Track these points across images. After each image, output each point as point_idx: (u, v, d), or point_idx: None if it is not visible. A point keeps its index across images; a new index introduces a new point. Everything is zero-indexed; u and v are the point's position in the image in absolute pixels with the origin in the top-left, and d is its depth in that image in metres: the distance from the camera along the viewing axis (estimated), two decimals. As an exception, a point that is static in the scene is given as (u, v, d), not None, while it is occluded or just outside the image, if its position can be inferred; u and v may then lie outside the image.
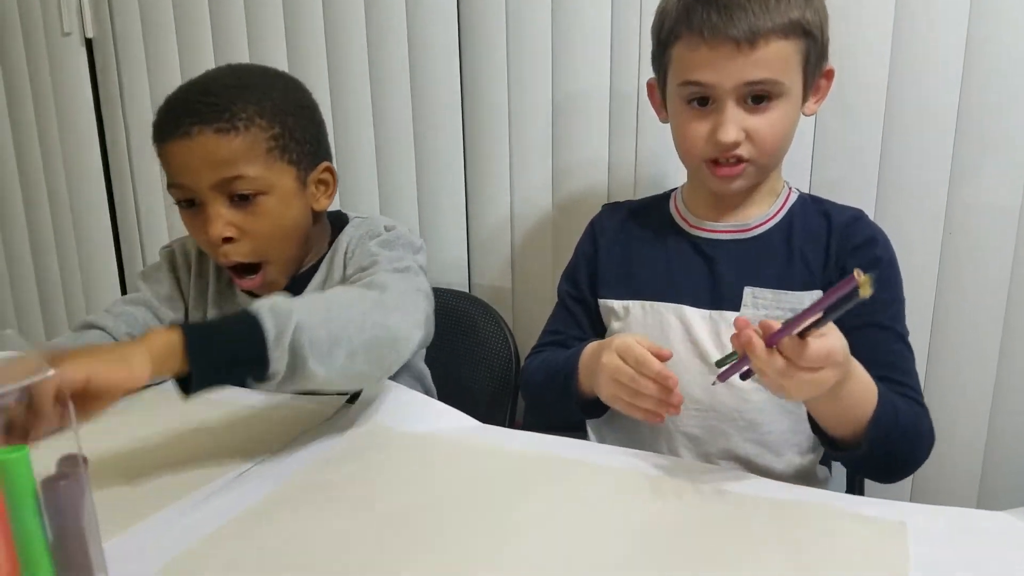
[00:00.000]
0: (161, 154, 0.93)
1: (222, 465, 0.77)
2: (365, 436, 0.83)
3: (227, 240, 0.92)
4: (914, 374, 0.84)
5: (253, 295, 0.99)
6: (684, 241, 0.94)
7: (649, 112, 0.99)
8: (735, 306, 0.88)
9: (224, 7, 1.46)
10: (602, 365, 0.77)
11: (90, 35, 1.60)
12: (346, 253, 1.00)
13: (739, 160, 0.85)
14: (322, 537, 0.65)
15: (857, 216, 0.90)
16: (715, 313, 0.89)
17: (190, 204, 0.93)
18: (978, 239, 1.06)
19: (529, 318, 1.36)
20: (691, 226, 0.94)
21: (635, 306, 0.93)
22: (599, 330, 0.99)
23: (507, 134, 1.30)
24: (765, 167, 0.87)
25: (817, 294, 0.86)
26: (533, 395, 0.98)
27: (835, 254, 0.87)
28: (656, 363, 0.73)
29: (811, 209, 0.91)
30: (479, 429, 0.85)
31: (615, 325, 0.95)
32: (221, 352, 0.69)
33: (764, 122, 0.83)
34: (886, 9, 1.04)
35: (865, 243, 0.87)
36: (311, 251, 1.03)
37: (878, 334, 0.83)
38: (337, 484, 0.73)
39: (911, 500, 0.93)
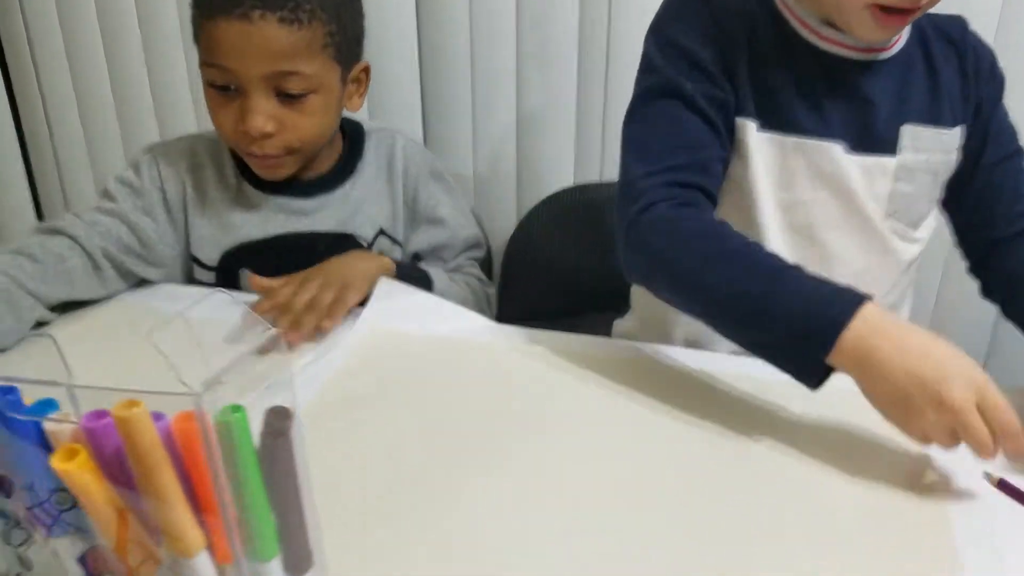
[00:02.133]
0: (205, 28, 0.85)
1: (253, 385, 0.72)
2: (384, 342, 0.80)
3: (265, 135, 0.87)
4: None
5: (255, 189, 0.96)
6: (814, 58, 0.75)
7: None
8: (891, 148, 0.77)
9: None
10: (946, 404, 0.54)
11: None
12: (404, 174, 1.00)
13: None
14: (364, 453, 0.64)
15: (965, 27, 0.81)
16: (870, 160, 0.76)
17: (225, 89, 0.87)
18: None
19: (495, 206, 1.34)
20: (821, 38, 0.75)
21: (773, 141, 0.75)
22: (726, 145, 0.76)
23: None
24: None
25: (962, 129, 0.79)
26: (679, 272, 0.68)
27: (972, 83, 0.79)
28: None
29: (928, 27, 0.80)
30: (495, 329, 0.84)
31: (753, 156, 0.75)
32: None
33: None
34: None
35: (990, 65, 0.80)
36: (326, 148, 0.98)
37: (1021, 163, 0.80)
38: (365, 397, 0.71)
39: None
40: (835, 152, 0.75)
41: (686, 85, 0.73)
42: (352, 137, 1.01)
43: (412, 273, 0.94)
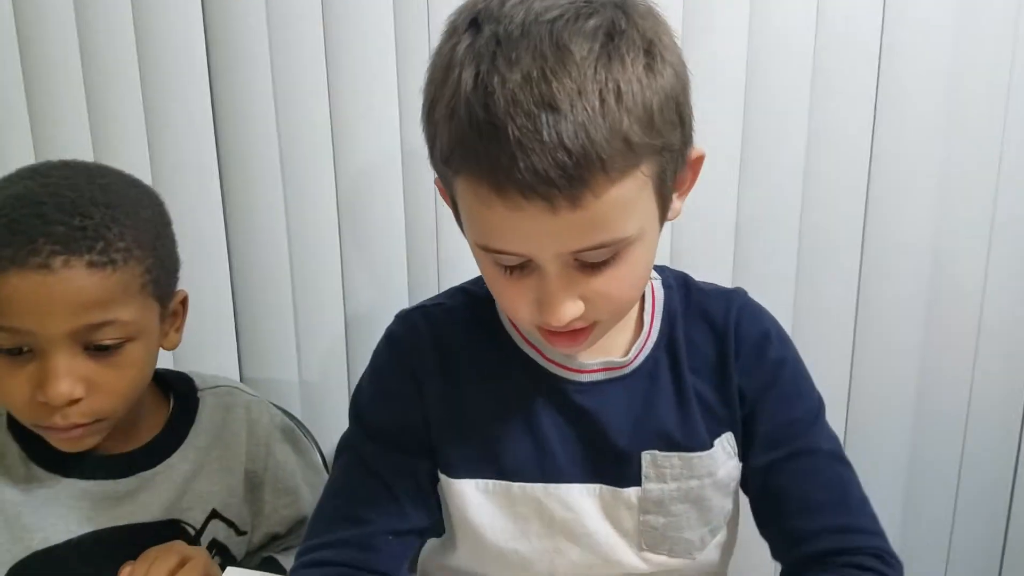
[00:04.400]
0: None
1: None
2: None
3: (72, 401, 0.69)
4: (862, 500, 0.68)
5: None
6: (542, 383, 0.69)
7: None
8: (634, 479, 0.69)
9: None
10: None
11: None
12: (248, 440, 0.85)
13: (581, 327, 0.62)
14: None
15: (735, 301, 0.72)
16: (606, 490, 0.69)
17: (14, 353, 0.71)
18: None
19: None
20: (548, 360, 0.69)
21: (498, 488, 0.69)
22: (433, 510, 0.72)
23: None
24: (621, 314, 0.66)
25: (729, 438, 0.70)
26: None
27: (731, 376, 0.69)
28: None
29: (692, 311, 0.72)
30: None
31: (470, 512, 0.70)
32: None
33: (607, 282, 0.59)
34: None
35: (756, 347, 0.70)
36: (138, 406, 0.81)
37: (803, 464, 0.68)
38: None
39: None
40: (566, 492, 0.69)
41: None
42: (182, 396, 0.86)
43: None
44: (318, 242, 1.14)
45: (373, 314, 1.15)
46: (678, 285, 0.74)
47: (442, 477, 0.71)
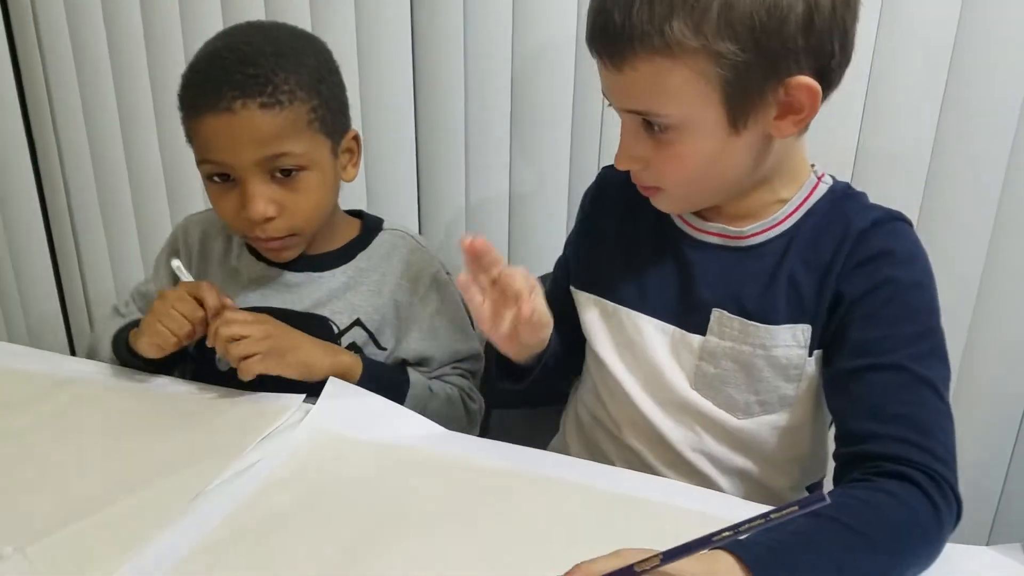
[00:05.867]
0: (193, 128, 0.87)
1: (176, 489, 0.71)
2: (322, 448, 0.78)
3: (268, 219, 0.88)
4: (942, 430, 0.66)
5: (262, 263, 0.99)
6: (668, 237, 0.81)
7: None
8: (701, 328, 0.77)
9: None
10: None
11: None
12: (403, 275, 1.00)
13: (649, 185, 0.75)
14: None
15: (880, 220, 0.73)
16: (677, 332, 0.79)
17: (223, 179, 0.88)
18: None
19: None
20: (678, 217, 0.81)
21: (596, 303, 0.85)
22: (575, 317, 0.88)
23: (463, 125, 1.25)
24: (686, 194, 0.76)
25: (803, 330, 0.73)
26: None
27: (836, 275, 0.72)
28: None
29: (835, 214, 0.75)
30: (443, 438, 0.81)
31: (585, 317, 0.86)
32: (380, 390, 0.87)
33: (666, 153, 0.71)
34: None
35: (872, 259, 0.71)
36: (330, 227, 0.99)
37: (889, 378, 0.67)
38: (291, 513, 0.68)
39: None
40: (642, 321, 0.81)
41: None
42: (369, 230, 1.02)
43: (383, 374, 0.93)
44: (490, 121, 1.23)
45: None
46: (841, 191, 0.77)
47: (572, 289, 0.88)
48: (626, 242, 0.84)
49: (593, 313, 0.85)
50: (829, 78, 0.68)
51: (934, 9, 0.98)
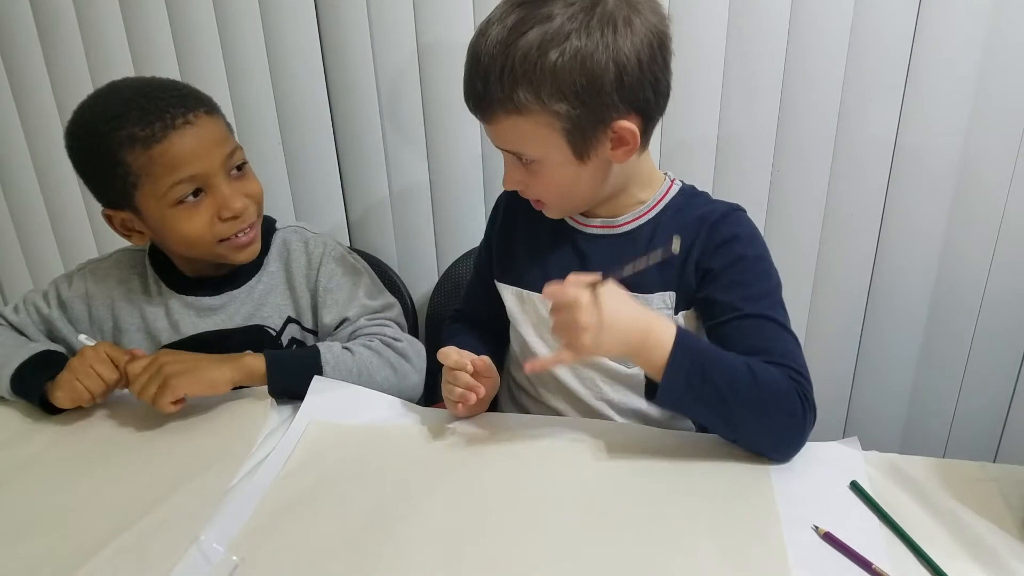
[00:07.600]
0: (156, 155, 0.93)
1: (203, 491, 0.80)
2: (320, 438, 0.88)
3: (244, 207, 0.99)
4: (796, 355, 0.85)
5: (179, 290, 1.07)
6: (564, 233, 0.99)
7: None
8: None
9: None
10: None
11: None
12: (307, 265, 1.09)
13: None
14: (315, 553, 0.72)
15: (726, 213, 0.93)
16: None
17: (195, 195, 0.96)
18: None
19: (417, 268, 1.44)
20: (569, 217, 0.99)
21: (514, 292, 1.01)
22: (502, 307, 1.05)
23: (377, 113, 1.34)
24: (562, 205, 0.94)
25: (670, 296, 0.92)
26: None
27: (696, 255, 0.91)
28: (463, 376, 0.87)
29: (688, 208, 0.95)
30: (423, 413, 0.94)
31: (507, 303, 1.03)
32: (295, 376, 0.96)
33: (536, 179, 0.89)
34: None
35: (725, 242, 0.90)
36: None
37: (753, 324, 0.87)
38: (314, 495, 0.79)
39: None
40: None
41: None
42: (265, 233, 1.08)
43: (289, 356, 1.00)
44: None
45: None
46: (689, 191, 0.98)
47: (496, 282, 1.04)
48: (532, 239, 1.01)
49: (511, 299, 1.02)
50: (650, 115, 0.86)
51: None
